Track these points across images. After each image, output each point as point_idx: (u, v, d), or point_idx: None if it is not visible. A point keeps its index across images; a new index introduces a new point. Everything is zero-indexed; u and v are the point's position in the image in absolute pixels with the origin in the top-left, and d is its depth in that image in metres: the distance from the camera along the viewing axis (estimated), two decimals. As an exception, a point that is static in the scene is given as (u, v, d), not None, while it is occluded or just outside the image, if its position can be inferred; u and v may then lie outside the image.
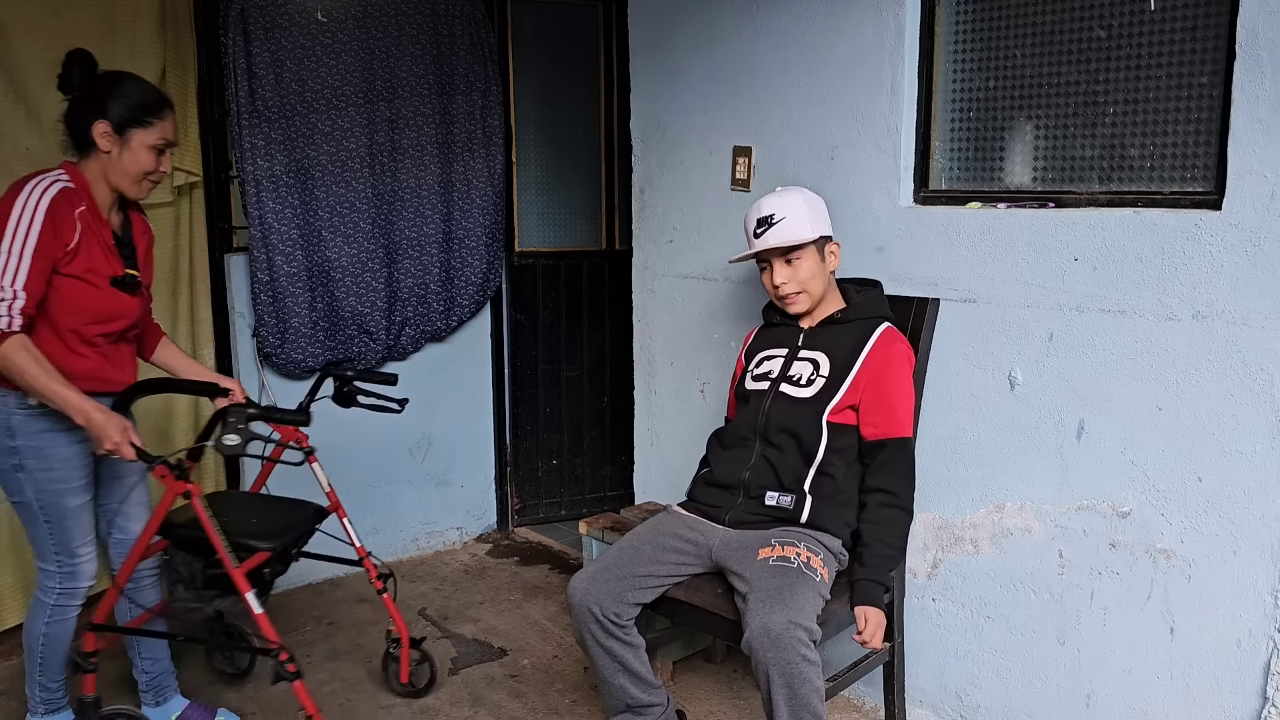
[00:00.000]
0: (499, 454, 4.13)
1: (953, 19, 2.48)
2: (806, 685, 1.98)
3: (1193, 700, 2.12)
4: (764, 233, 2.34)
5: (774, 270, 2.36)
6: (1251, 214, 1.94)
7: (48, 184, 2.16)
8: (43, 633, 2.36)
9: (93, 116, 2.21)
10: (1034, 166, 2.39)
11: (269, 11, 3.25)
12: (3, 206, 2.13)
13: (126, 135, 2.23)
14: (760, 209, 2.37)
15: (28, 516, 2.30)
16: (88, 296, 2.22)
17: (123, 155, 2.24)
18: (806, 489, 2.27)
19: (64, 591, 2.34)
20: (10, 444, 2.22)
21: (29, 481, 2.25)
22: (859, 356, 2.31)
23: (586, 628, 2.24)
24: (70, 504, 2.29)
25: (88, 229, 2.21)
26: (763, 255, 2.37)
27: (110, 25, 3.00)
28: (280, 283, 3.36)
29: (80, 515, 2.32)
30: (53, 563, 2.33)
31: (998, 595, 2.43)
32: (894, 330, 2.35)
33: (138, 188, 2.29)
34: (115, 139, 2.22)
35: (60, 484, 2.27)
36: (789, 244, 2.32)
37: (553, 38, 4.06)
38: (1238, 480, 2.02)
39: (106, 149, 2.22)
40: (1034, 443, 2.32)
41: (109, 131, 2.21)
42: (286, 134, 3.33)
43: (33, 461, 2.24)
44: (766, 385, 2.39)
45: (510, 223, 3.98)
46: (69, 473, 2.28)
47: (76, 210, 2.19)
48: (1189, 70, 2.09)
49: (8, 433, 2.22)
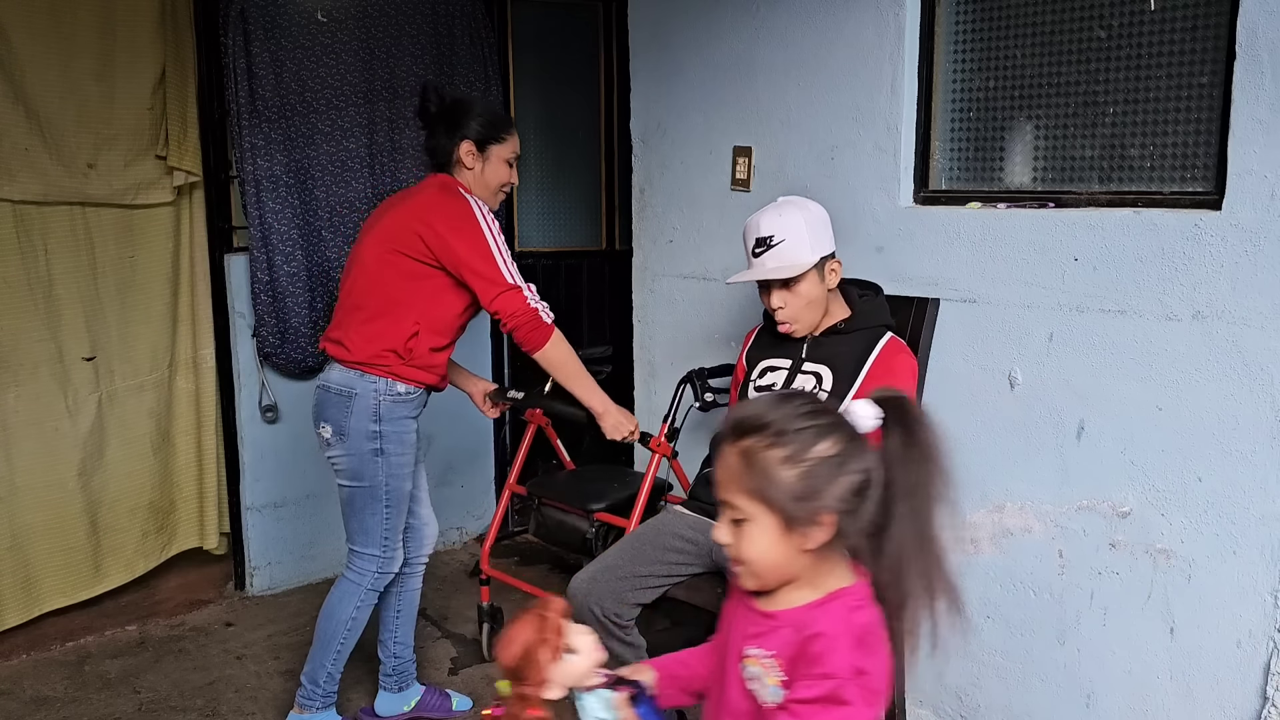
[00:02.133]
0: (499, 454, 4.13)
1: (953, 19, 2.48)
2: None
3: (1193, 700, 2.12)
4: (762, 254, 2.24)
5: (772, 295, 2.27)
6: (1251, 214, 1.94)
7: (463, 191, 2.41)
8: (351, 616, 2.47)
9: (457, 137, 2.44)
10: (1034, 166, 2.39)
11: (269, 11, 3.24)
12: (459, 209, 2.35)
13: (486, 152, 2.46)
14: (759, 227, 2.25)
15: (365, 501, 2.41)
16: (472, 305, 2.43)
17: (485, 170, 2.47)
18: None
19: (380, 575, 2.47)
20: (374, 428, 2.36)
21: (385, 466, 2.39)
22: (862, 371, 2.26)
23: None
24: (408, 489, 2.47)
25: None
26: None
27: (110, 25, 3.00)
28: (280, 283, 3.36)
29: (407, 503, 2.49)
30: (379, 547, 2.44)
31: (998, 595, 2.43)
32: (897, 341, 2.30)
33: (495, 199, 2.53)
34: (477, 156, 2.46)
35: (406, 468, 2.44)
36: (786, 274, 2.21)
37: (553, 37, 4.06)
38: (1238, 480, 2.01)
39: (470, 165, 2.46)
40: (1034, 443, 2.32)
41: (472, 150, 2.45)
42: (286, 134, 3.33)
43: (393, 446, 2.39)
44: None
45: (510, 223, 3.98)
46: (411, 460, 2.46)
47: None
48: (1189, 70, 2.09)
49: (374, 417, 2.36)
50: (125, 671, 2.94)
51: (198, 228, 3.33)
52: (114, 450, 3.17)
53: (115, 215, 3.11)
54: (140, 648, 3.09)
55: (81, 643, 3.08)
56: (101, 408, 3.12)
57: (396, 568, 2.50)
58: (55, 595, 3.09)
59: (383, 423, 2.37)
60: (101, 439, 3.13)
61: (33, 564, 3.04)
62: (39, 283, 2.96)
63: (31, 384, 2.98)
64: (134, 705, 2.76)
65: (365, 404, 2.35)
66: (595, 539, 2.70)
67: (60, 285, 3.01)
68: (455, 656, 3.06)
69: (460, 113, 2.47)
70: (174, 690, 2.84)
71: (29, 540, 3.02)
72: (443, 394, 2.52)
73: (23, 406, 2.97)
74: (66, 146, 2.95)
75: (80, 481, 3.09)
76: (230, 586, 3.51)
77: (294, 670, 2.94)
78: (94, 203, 3.05)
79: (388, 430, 2.38)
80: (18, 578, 3.02)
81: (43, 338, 2.99)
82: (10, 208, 2.87)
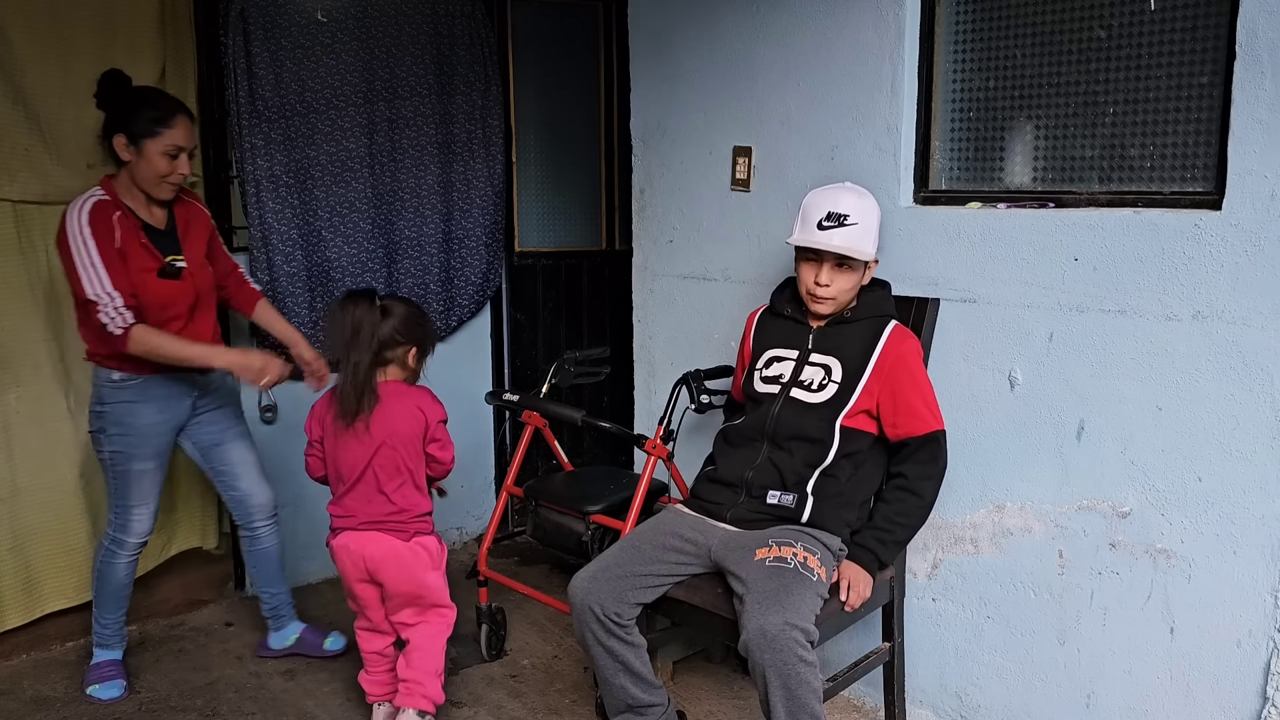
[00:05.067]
0: (499, 454, 4.13)
1: (953, 19, 2.48)
2: (804, 687, 1.98)
3: (1193, 700, 2.12)
4: (832, 229, 2.25)
5: (822, 270, 2.29)
6: (1251, 214, 1.94)
7: (81, 202, 2.50)
8: (96, 569, 2.79)
9: (112, 131, 2.54)
10: (1034, 166, 2.39)
11: (269, 11, 3.25)
12: (60, 236, 2.49)
13: (140, 145, 2.52)
14: (837, 202, 2.27)
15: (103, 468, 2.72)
16: (144, 290, 2.54)
17: (139, 164, 2.54)
18: (809, 489, 2.27)
19: (115, 540, 2.74)
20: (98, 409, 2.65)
21: (107, 443, 2.66)
22: (870, 360, 2.29)
23: (588, 627, 2.24)
24: (139, 469, 2.69)
25: (125, 232, 2.52)
26: (818, 250, 2.28)
27: (110, 25, 3.00)
28: (280, 283, 3.36)
29: (141, 480, 2.71)
30: (111, 512, 2.75)
31: (998, 595, 2.43)
32: (902, 328, 2.34)
33: (159, 189, 2.59)
34: (131, 150, 2.53)
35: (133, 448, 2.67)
36: (854, 255, 2.25)
37: (553, 38, 4.06)
38: (1238, 480, 2.02)
39: (126, 159, 2.54)
40: (1034, 443, 2.32)
41: (125, 144, 2.52)
42: (286, 134, 3.33)
43: (113, 427, 2.64)
44: (777, 389, 2.38)
45: (510, 223, 3.98)
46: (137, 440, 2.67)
47: (113, 215, 2.51)
48: (1189, 70, 2.09)
49: (96, 399, 2.65)
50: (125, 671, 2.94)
51: (198, 228, 3.33)
52: (114, 450, 3.17)
53: (115, 215, 3.10)
54: (140, 648, 3.09)
55: (82, 643, 3.08)
56: (102, 408, 3.12)
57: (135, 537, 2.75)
58: (57, 597, 3.09)
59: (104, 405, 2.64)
60: (102, 439, 3.13)
61: (34, 565, 3.04)
62: (39, 283, 2.96)
63: (33, 384, 2.98)
64: (134, 705, 2.76)
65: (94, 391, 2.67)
66: (591, 541, 2.70)
67: (61, 285, 3.00)
68: (455, 656, 3.06)
69: (119, 106, 2.56)
70: (174, 690, 2.84)
71: (31, 541, 3.02)
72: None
73: (24, 407, 2.97)
74: (66, 146, 2.95)
75: (82, 482, 3.09)
76: (230, 587, 3.51)
77: (294, 670, 2.95)
78: (94, 203, 3.04)
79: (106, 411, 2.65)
80: (19, 578, 3.02)
81: (44, 338, 2.99)
82: (10, 207, 2.88)
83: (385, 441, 2.40)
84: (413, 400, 2.44)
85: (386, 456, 2.41)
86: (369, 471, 2.41)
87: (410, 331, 2.43)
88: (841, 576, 2.21)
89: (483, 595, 3.00)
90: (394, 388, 2.43)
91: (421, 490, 2.49)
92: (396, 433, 2.40)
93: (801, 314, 2.42)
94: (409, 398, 2.44)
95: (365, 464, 2.40)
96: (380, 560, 2.43)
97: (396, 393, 2.43)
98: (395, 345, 2.41)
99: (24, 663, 3.00)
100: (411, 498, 2.46)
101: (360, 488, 2.42)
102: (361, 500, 2.43)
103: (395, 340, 2.41)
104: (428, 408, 2.45)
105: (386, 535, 2.43)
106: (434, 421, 2.45)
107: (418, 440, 2.44)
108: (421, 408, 2.44)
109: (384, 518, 2.43)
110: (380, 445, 2.40)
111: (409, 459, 2.43)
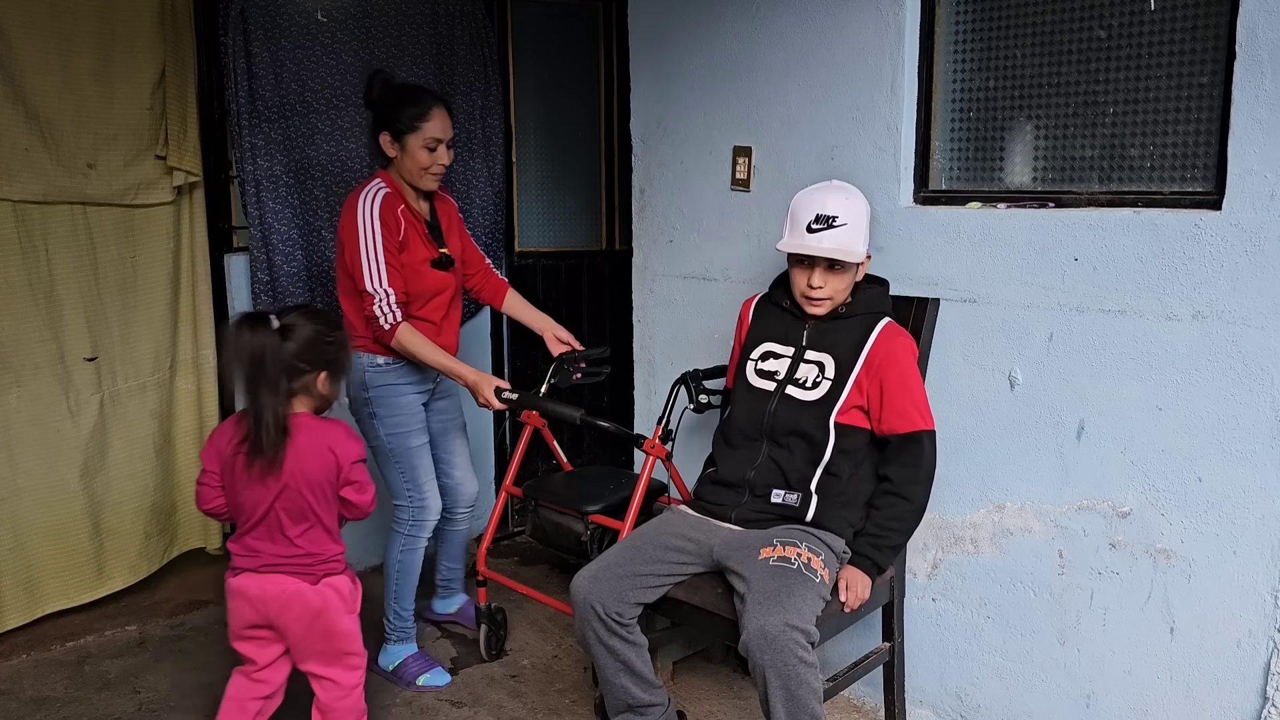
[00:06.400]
0: (499, 454, 4.13)
1: (953, 19, 2.48)
2: (804, 687, 1.98)
3: (1193, 700, 2.12)
4: (822, 231, 2.22)
5: (814, 273, 2.28)
6: (1251, 214, 1.94)
7: (373, 194, 2.64)
8: (397, 559, 2.84)
9: (378, 130, 2.70)
10: (1034, 166, 2.39)
11: (269, 11, 3.24)
12: (347, 221, 2.63)
13: (404, 141, 2.67)
14: (824, 204, 2.24)
15: (379, 459, 2.78)
16: (419, 279, 2.70)
17: (403, 159, 2.68)
18: (813, 488, 2.28)
19: (416, 524, 2.83)
20: (364, 395, 2.75)
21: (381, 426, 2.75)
22: (860, 356, 2.29)
23: (589, 625, 2.24)
24: (414, 445, 2.79)
25: (409, 224, 2.69)
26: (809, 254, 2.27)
27: (110, 25, 3.00)
28: (280, 283, 3.36)
29: (422, 456, 2.82)
30: (404, 499, 2.81)
31: (998, 595, 2.43)
32: (894, 325, 2.33)
33: (423, 180, 2.72)
34: (395, 146, 2.68)
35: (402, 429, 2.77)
36: (845, 258, 2.24)
37: (553, 37, 4.06)
38: (1238, 480, 2.02)
39: (392, 155, 2.69)
40: (1034, 443, 2.32)
41: (390, 141, 2.68)
42: (286, 134, 3.33)
43: (382, 409, 2.74)
44: (773, 386, 2.38)
45: (510, 222, 3.98)
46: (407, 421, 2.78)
47: (398, 209, 2.67)
48: (1189, 70, 2.09)
49: (361, 385, 2.74)
50: (125, 671, 2.94)
51: (198, 228, 3.33)
52: (117, 451, 3.18)
53: (115, 215, 3.11)
54: (140, 648, 3.09)
55: (81, 643, 3.08)
56: (103, 408, 3.12)
57: (433, 516, 2.84)
58: (58, 597, 3.10)
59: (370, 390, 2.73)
60: (104, 440, 3.14)
61: (35, 566, 3.04)
62: (40, 283, 2.96)
63: (33, 384, 2.98)
64: (134, 705, 2.76)
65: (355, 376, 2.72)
66: (590, 541, 2.70)
67: (61, 285, 3.01)
68: (455, 657, 3.06)
69: (382, 105, 2.70)
70: (174, 690, 2.84)
71: (31, 542, 3.02)
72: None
73: (25, 407, 2.97)
74: (66, 146, 2.95)
75: (83, 483, 3.09)
76: (230, 586, 3.51)
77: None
78: (94, 203, 3.05)
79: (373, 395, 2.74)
80: (19, 579, 3.02)
81: (44, 338, 2.99)
82: (11, 207, 2.88)
83: (289, 484, 2.12)
84: (324, 438, 2.14)
85: (291, 500, 2.13)
86: (271, 514, 2.15)
87: (315, 354, 2.12)
88: (840, 578, 2.22)
89: (482, 595, 3.00)
90: (303, 422, 2.13)
91: (332, 533, 2.22)
92: (303, 475, 2.12)
93: (798, 308, 2.42)
94: (319, 435, 2.14)
95: (267, 506, 2.14)
96: (283, 604, 2.18)
97: (305, 428, 2.13)
98: (298, 374, 2.11)
99: (24, 663, 3.00)
100: (319, 542, 2.19)
101: (262, 529, 2.17)
102: (264, 540, 2.18)
103: (297, 368, 2.10)
104: (341, 447, 2.15)
105: (290, 578, 2.18)
106: (348, 462, 2.16)
107: (327, 484, 2.15)
108: (333, 447, 2.14)
109: (287, 560, 2.18)
110: (284, 488, 2.12)
111: (316, 503, 2.15)
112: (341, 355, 2.19)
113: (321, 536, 2.20)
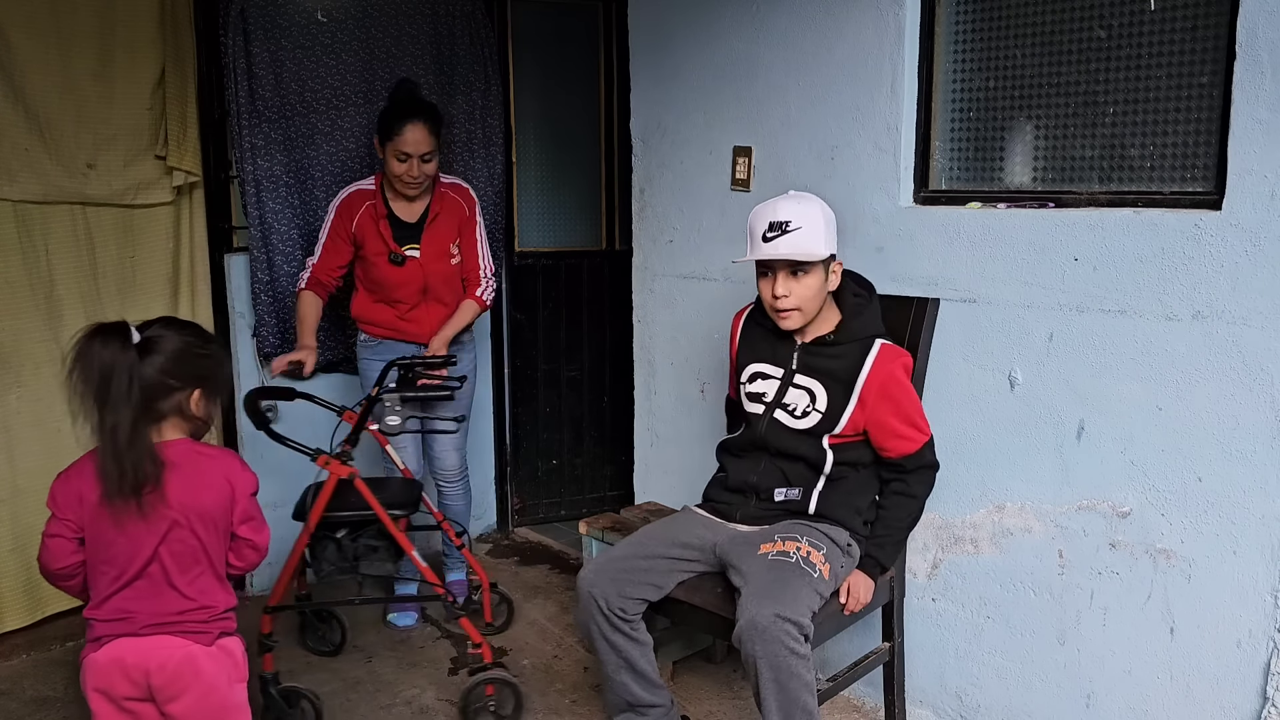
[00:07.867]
0: (499, 454, 4.13)
1: (953, 19, 2.48)
2: (795, 679, 1.98)
3: (1193, 700, 2.12)
4: (775, 239, 2.20)
5: (777, 281, 2.23)
6: (1251, 214, 1.94)
7: (347, 190, 3.07)
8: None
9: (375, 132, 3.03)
10: (1034, 166, 2.39)
11: (269, 11, 3.25)
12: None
13: (385, 147, 2.96)
14: (776, 211, 2.22)
15: None
16: (376, 270, 3.06)
17: (385, 163, 3.00)
18: (817, 487, 2.29)
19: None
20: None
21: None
22: (854, 389, 2.25)
23: (593, 619, 2.25)
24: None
25: (370, 220, 3.01)
26: (768, 262, 2.25)
27: (110, 25, 3.00)
28: (280, 283, 3.36)
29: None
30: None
31: (998, 595, 2.43)
32: (889, 348, 2.28)
33: (397, 185, 3.01)
34: (381, 150, 2.99)
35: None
36: (801, 258, 2.20)
37: (553, 38, 4.06)
38: (1238, 480, 2.02)
39: (381, 157, 3.01)
40: (1034, 443, 2.32)
41: (378, 144, 3.00)
42: (286, 134, 3.33)
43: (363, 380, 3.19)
44: (762, 409, 2.37)
45: (510, 223, 3.98)
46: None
47: (363, 204, 3.01)
48: (1189, 70, 2.09)
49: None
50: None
51: (198, 228, 3.34)
52: (115, 450, 3.17)
53: (115, 215, 3.11)
54: (141, 648, 3.09)
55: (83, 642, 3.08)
56: (102, 408, 3.12)
57: None
58: (58, 598, 3.09)
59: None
60: (102, 439, 3.13)
61: (35, 567, 3.02)
62: (40, 283, 2.97)
63: (34, 384, 2.98)
64: (134, 705, 2.76)
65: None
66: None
67: (61, 285, 3.01)
68: (455, 657, 3.06)
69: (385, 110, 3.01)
70: (174, 690, 2.84)
71: (32, 543, 3.01)
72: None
73: (25, 407, 2.97)
74: (66, 146, 2.95)
75: (81, 482, 3.09)
76: (230, 586, 3.51)
77: (293, 670, 2.94)
78: (94, 203, 3.05)
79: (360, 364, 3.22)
80: (20, 581, 3.02)
81: (44, 338, 2.99)
82: (11, 207, 2.88)
83: (178, 521, 1.79)
84: (217, 466, 1.86)
85: (181, 540, 1.80)
86: (155, 563, 1.80)
87: (184, 369, 1.80)
88: (844, 584, 2.22)
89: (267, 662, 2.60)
90: (183, 450, 1.82)
91: (222, 581, 1.89)
92: (195, 508, 1.81)
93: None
94: (212, 462, 1.86)
95: (150, 553, 1.79)
96: (172, 673, 1.79)
97: (189, 456, 1.82)
98: (167, 392, 1.78)
99: (24, 663, 3.00)
100: (211, 590, 1.85)
101: (141, 583, 1.80)
102: (143, 598, 1.81)
103: (165, 385, 1.78)
104: (236, 476, 1.87)
105: (180, 639, 1.81)
106: (245, 495, 1.88)
107: (222, 519, 1.85)
108: (229, 477, 1.86)
109: (176, 617, 1.82)
110: (171, 526, 1.79)
111: (210, 542, 1.84)
112: (218, 370, 1.90)
113: (213, 584, 1.87)
